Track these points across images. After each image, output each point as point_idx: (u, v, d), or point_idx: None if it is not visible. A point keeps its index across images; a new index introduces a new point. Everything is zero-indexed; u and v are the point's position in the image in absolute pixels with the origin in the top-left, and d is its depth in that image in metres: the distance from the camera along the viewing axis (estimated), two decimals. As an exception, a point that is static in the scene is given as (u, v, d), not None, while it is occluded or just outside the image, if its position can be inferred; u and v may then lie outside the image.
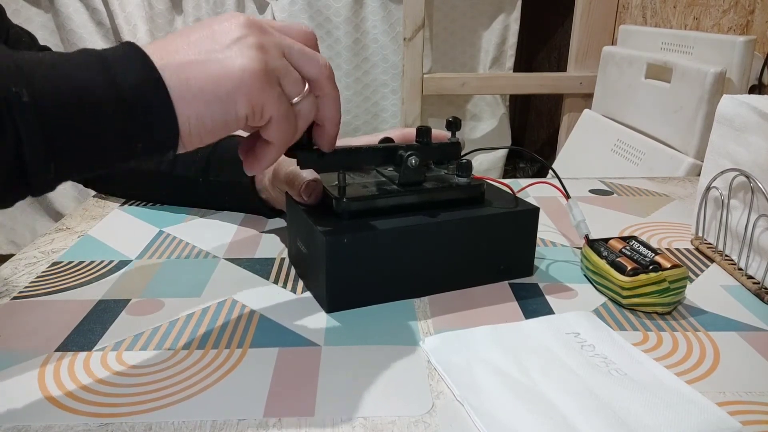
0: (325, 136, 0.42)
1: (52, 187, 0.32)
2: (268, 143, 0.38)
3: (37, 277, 0.52)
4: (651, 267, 0.46)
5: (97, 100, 0.31)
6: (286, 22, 0.40)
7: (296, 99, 0.38)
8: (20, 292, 0.49)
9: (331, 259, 0.44)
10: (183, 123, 0.34)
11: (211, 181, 0.64)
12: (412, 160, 0.47)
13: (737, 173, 0.52)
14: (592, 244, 0.52)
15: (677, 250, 0.59)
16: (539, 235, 0.60)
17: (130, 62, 0.33)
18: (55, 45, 1.60)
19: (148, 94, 0.32)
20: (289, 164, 0.52)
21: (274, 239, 0.60)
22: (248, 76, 0.34)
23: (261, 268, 0.54)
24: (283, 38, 0.37)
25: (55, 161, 0.31)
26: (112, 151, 0.33)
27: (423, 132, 0.50)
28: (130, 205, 0.70)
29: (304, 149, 0.43)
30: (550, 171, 0.59)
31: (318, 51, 0.40)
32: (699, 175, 0.60)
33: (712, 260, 0.56)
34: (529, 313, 0.46)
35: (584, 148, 1.46)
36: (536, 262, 0.54)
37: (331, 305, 0.46)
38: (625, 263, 0.47)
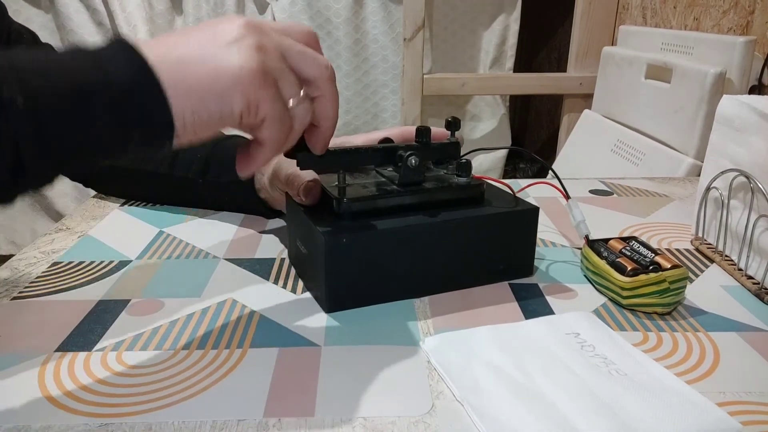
0: (320, 137, 0.41)
1: (51, 181, 0.33)
2: (261, 144, 0.38)
3: (37, 277, 0.52)
4: (651, 267, 0.46)
5: (90, 98, 0.32)
6: (287, 23, 0.40)
7: (292, 102, 0.38)
8: (20, 292, 0.49)
9: (331, 259, 0.44)
10: (178, 116, 0.34)
11: (211, 181, 0.64)
12: (412, 160, 0.47)
13: (737, 173, 0.52)
14: (592, 244, 0.52)
15: (677, 250, 0.59)
16: (539, 235, 0.60)
17: (121, 59, 0.33)
18: (55, 45, 1.59)
19: (141, 89, 0.33)
20: (289, 165, 0.52)
21: (274, 239, 0.60)
22: (245, 74, 0.34)
23: (261, 268, 0.54)
24: (282, 39, 0.37)
25: (52, 158, 0.32)
26: (108, 145, 0.33)
27: (422, 132, 0.50)
28: (130, 205, 0.70)
29: (303, 150, 0.43)
30: (550, 171, 0.59)
31: (320, 50, 0.40)
32: (699, 175, 0.60)
33: (712, 260, 0.56)
34: (529, 313, 0.46)
35: (584, 148, 1.46)
36: (536, 262, 0.54)
37: (330, 305, 0.46)
38: (625, 263, 0.47)
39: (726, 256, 0.55)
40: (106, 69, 0.32)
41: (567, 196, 0.55)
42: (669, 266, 0.46)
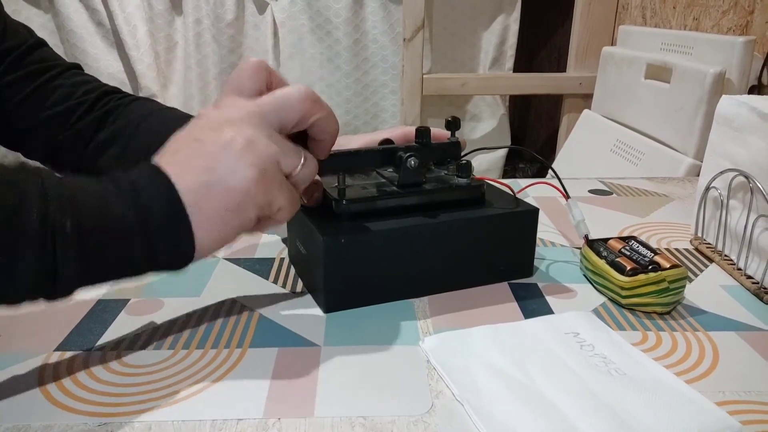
0: (322, 148, 0.43)
1: (67, 296, 0.35)
2: (274, 221, 0.40)
3: (37, 277, 0.52)
4: (650, 267, 0.46)
5: (129, 232, 0.35)
6: (235, 73, 0.41)
7: (295, 172, 0.39)
8: (20, 292, 0.49)
9: (329, 259, 0.44)
10: (199, 243, 0.37)
11: None
12: (412, 162, 0.47)
13: (736, 173, 0.52)
14: (592, 244, 0.52)
15: (676, 250, 0.59)
16: (539, 235, 0.60)
17: (156, 195, 0.36)
18: (55, 45, 1.60)
19: (172, 226, 0.36)
20: None
21: (274, 239, 0.60)
22: (252, 186, 0.37)
23: (261, 268, 0.54)
24: (255, 112, 0.38)
25: (84, 279, 0.35)
26: (133, 272, 0.37)
27: (422, 132, 0.50)
28: (130, 205, 0.70)
29: None
30: (550, 171, 0.59)
31: (271, 69, 0.42)
32: (698, 175, 0.60)
33: (711, 260, 0.56)
34: (528, 313, 0.46)
35: (584, 148, 1.46)
36: (536, 262, 0.54)
37: (328, 306, 0.46)
38: (624, 263, 0.47)
39: (725, 255, 0.55)
40: (144, 205, 0.35)
41: (567, 196, 0.56)
42: (668, 266, 0.46)
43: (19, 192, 0.32)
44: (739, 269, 0.52)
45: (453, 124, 0.51)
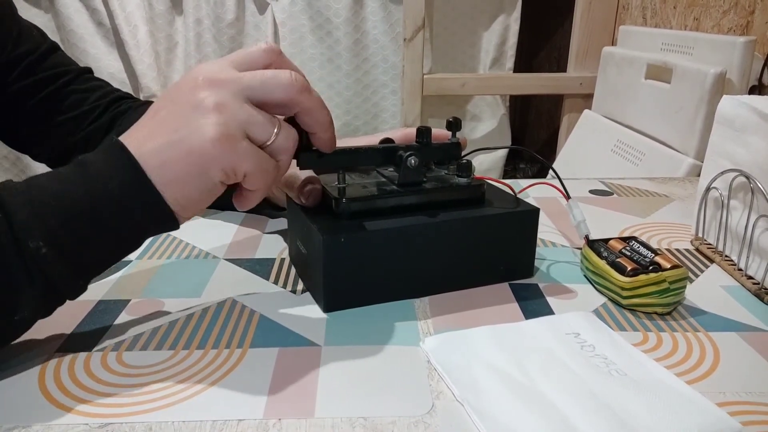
0: (320, 140, 0.42)
1: (84, 290, 0.38)
2: (251, 190, 0.40)
3: (37, 277, 0.52)
4: (651, 267, 0.46)
5: (104, 217, 0.36)
6: (245, 52, 0.41)
7: (269, 141, 0.39)
8: (20, 292, 0.49)
9: (328, 258, 0.44)
10: (174, 204, 0.37)
11: None
12: (412, 161, 0.47)
13: (737, 174, 0.52)
14: (592, 244, 0.52)
15: (677, 250, 0.59)
16: (539, 235, 0.60)
17: (118, 173, 0.36)
18: (56, 45, 1.60)
19: (141, 196, 0.37)
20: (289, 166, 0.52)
21: (275, 239, 0.60)
22: (210, 146, 0.36)
23: (261, 268, 0.54)
24: (239, 80, 0.38)
25: (83, 277, 0.38)
26: (127, 248, 0.39)
27: (423, 132, 0.50)
28: (130, 205, 0.70)
29: (304, 150, 0.43)
30: (551, 171, 0.59)
31: (285, 61, 0.41)
32: (699, 175, 0.60)
33: (712, 261, 0.56)
34: (529, 313, 0.46)
35: (584, 148, 1.46)
36: (536, 262, 0.54)
37: (327, 305, 0.46)
38: (624, 264, 0.47)
39: (726, 256, 0.55)
40: (109, 187, 0.36)
41: (567, 196, 0.55)
42: (669, 266, 0.46)
43: None
44: (740, 270, 0.52)
45: (454, 125, 0.51)
